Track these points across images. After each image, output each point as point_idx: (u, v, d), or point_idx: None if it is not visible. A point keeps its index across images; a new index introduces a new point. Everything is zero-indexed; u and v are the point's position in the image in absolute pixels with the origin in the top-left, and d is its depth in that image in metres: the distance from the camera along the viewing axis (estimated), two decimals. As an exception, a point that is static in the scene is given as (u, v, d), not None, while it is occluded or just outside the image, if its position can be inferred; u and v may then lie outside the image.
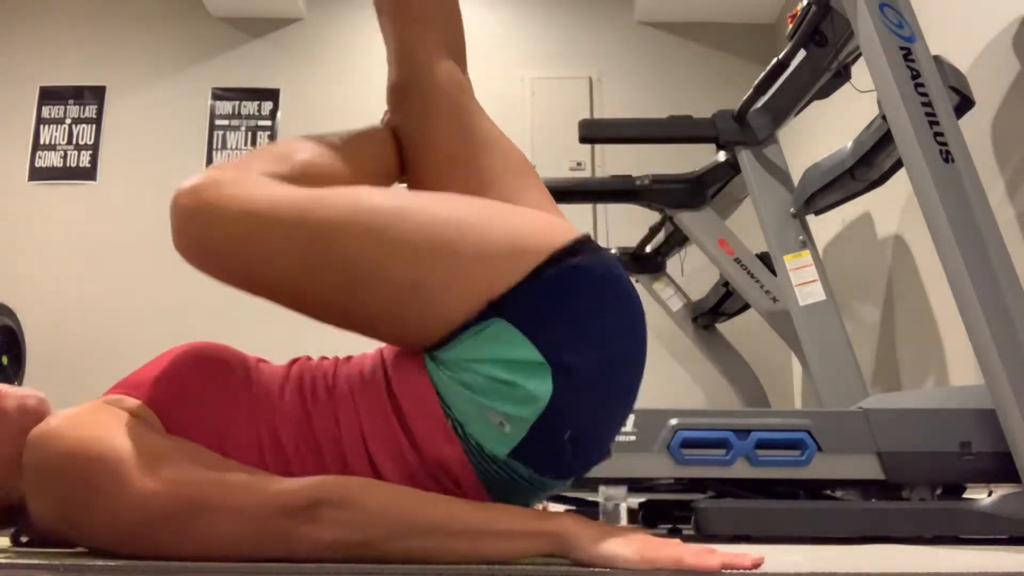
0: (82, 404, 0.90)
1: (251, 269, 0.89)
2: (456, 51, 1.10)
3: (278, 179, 0.92)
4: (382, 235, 0.87)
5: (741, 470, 1.57)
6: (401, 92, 1.06)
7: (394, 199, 0.91)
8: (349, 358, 0.99)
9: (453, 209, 0.91)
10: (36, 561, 0.83)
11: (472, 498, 0.90)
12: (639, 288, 3.70)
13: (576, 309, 0.88)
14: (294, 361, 1.00)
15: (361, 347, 0.98)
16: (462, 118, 1.04)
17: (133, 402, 0.91)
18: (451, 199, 0.94)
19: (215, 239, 0.88)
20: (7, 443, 0.92)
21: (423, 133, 1.05)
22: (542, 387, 0.86)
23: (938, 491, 1.64)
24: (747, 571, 0.78)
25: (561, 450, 0.88)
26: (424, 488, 0.87)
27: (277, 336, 4.22)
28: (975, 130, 2.33)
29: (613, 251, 3.62)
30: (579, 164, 4.48)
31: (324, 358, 1.00)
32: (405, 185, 1.10)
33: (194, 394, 0.93)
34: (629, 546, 0.79)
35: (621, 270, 0.95)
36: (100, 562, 0.80)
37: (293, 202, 0.88)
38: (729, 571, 0.77)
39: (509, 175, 1.03)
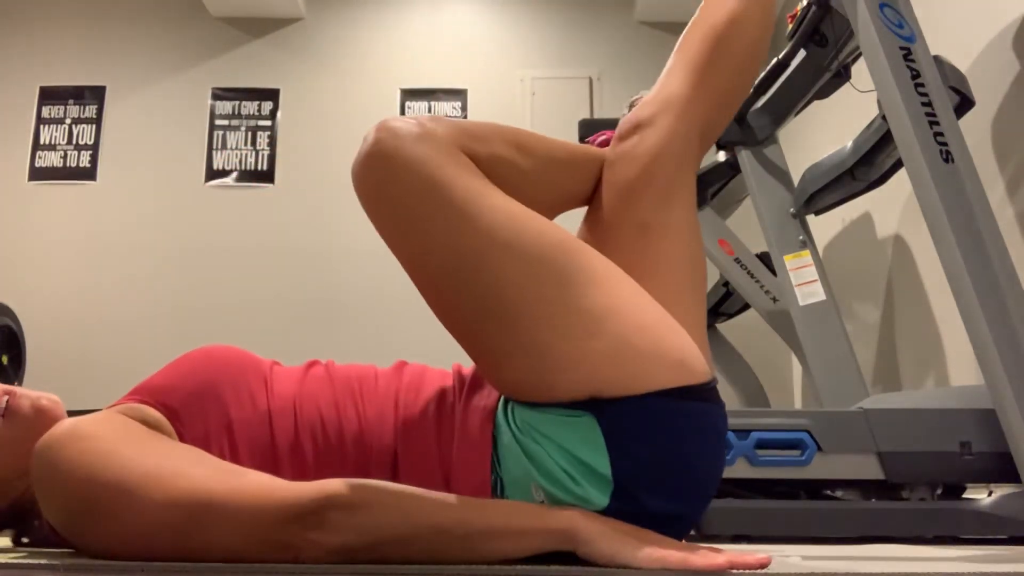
0: (95, 413, 0.90)
1: (408, 234, 0.86)
2: (708, 135, 1.05)
3: (472, 156, 0.89)
4: (541, 284, 0.84)
5: (741, 470, 1.57)
6: (639, 129, 1.00)
7: (572, 255, 0.87)
8: (400, 368, 0.97)
9: (617, 296, 0.87)
10: (36, 561, 0.83)
11: None
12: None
13: (668, 449, 0.85)
14: (311, 364, 0.99)
15: (369, 356, 0.97)
16: (675, 195, 0.98)
17: (145, 409, 0.91)
18: (621, 284, 0.89)
19: (395, 190, 0.85)
20: (22, 443, 0.92)
21: (632, 184, 0.98)
22: (599, 499, 0.84)
23: (938, 491, 1.64)
24: (754, 571, 0.78)
25: None
26: None
27: (278, 336, 4.23)
28: (975, 130, 2.32)
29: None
30: (579, 164, 4.48)
31: (356, 365, 0.99)
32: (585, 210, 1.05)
33: (208, 399, 0.93)
34: (637, 545, 0.79)
35: (726, 425, 0.91)
36: (100, 562, 0.80)
37: (483, 202, 0.85)
38: (736, 571, 0.77)
39: (685, 275, 0.98)
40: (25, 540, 0.99)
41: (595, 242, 0.96)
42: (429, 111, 4.60)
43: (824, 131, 3.56)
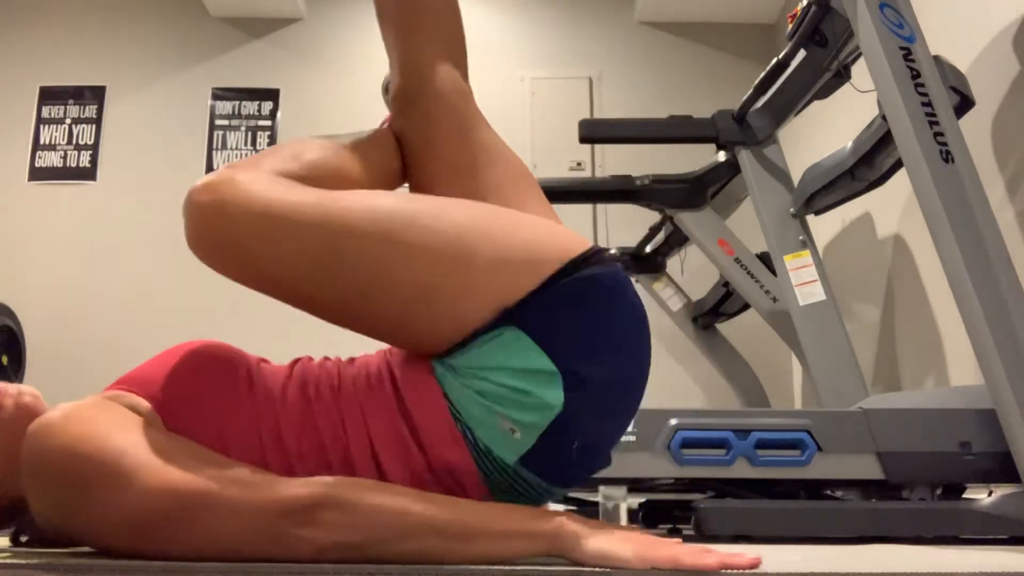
0: (83, 399, 0.90)
1: (265, 268, 0.89)
2: (458, 60, 1.11)
3: (290, 178, 0.93)
4: (398, 239, 0.87)
5: (741, 470, 1.57)
6: (404, 99, 1.07)
7: (411, 203, 0.92)
8: (352, 360, 0.99)
9: (469, 216, 0.92)
10: (36, 561, 0.83)
11: (475, 500, 0.89)
12: (639, 288, 3.70)
13: (588, 320, 0.89)
14: (296, 361, 1.00)
15: (363, 347, 0.98)
16: (464, 127, 1.05)
17: (134, 398, 0.91)
18: (467, 206, 0.94)
19: (230, 236, 0.87)
20: (4, 440, 0.92)
21: (426, 141, 1.05)
22: (554, 396, 0.86)
23: (938, 491, 1.64)
24: (744, 571, 0.78)
25: (568, 458, 0.89)
26: (428, 489, 0.87)
27: (277, 336, 4.23)
28: (975, 130, 2.33)
29: (613, 251, 3.62)
30: (579, 164, 4.48)
31: (326, 359, 1.00)
32: (407, 188, 1.10)
33: (196, 392, 0.93)
34: (627, 546, 0.79)
35: (628, 280, 0.96)
36: (100, 562, 0.80)
37: (309, 202, 0.88)
38: (726, 571, 0.77)
39: (511, 185, 1.04)
40: (24, 539, 0.99)
41: None
42: (429, 111, 4.60)
43: (824, 131, 3.56)
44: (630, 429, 1.58)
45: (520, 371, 0.86)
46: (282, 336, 4.27)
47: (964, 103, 2.04)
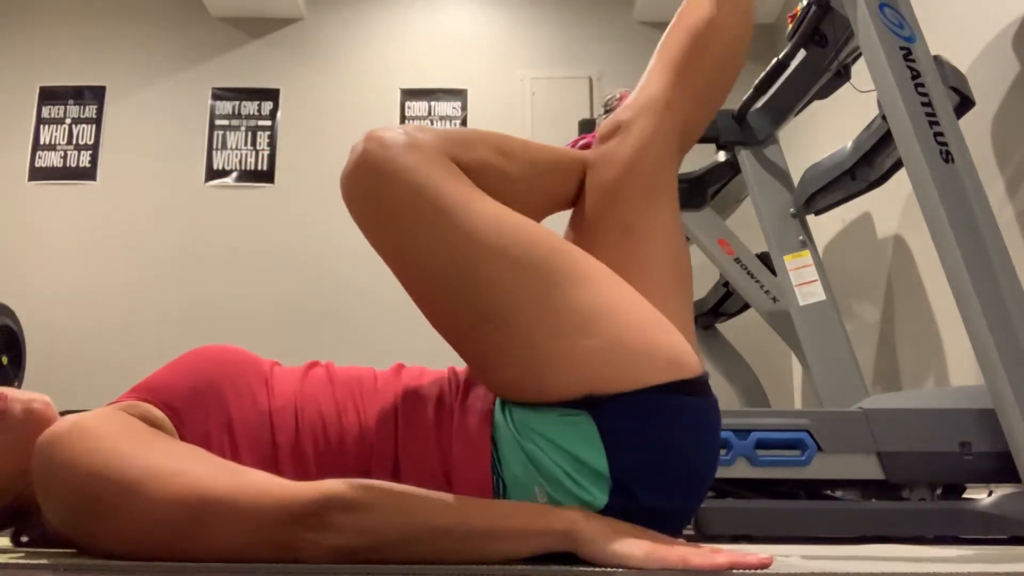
0: (96, 409, 0.90)
1: (401, 245, 0.88)
2: (688, 136, 1.06)
3: (459, 164, 0.91)
4: (531, 286, 0.86)
5: (741, 470, 1.57)
6: (620, 131, 1.01)
7: (560, 255, 0.89)
8: (399, 371, 0.98)
9: (606, 294, 0.88)
10: (36, 561, 0.83)
11: None
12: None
13: (663, 444, 0.86)
14: (312, 365, 0.99)
15: (365, 352, 0.97)
16: (657, 195, 1.00)
17: (146, 407, 0.91)
18: (610, 283, 0.90)
19: (384, 199, 0.86)
20: (13, 446, 0.92)
21: (614, 185, 0.99)
22: (598, 497, 0.85)
23: (938, 491, 1.64)
24: (754, 571, 0.78)
25: None
26: None
27: (278, 337, 4.23)
28: (975, 130, 2.32)
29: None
30: (579, 164, 4.48)
31: (355, 368, 0.99)
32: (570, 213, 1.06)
33: (209, 398, 0.93)
34: (638, 545, 0.79)
35: (719, 418, 0.92)
36: (100, 562, 0.80)
37: (471, 207, 0.87)
38: (736, 571, 0.77)
39: (669, 274, 0.99)
40: (24, 539, 0.99)
41: (581, 244, 0.98)
42: (429, 111, 4.60)
43: (824, 131, 3.56)
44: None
45: (575, 458, 0.85)
46: (283, 336, 4.27)
47: (964, 103, 2.04)
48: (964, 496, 1.69)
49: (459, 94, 4.65)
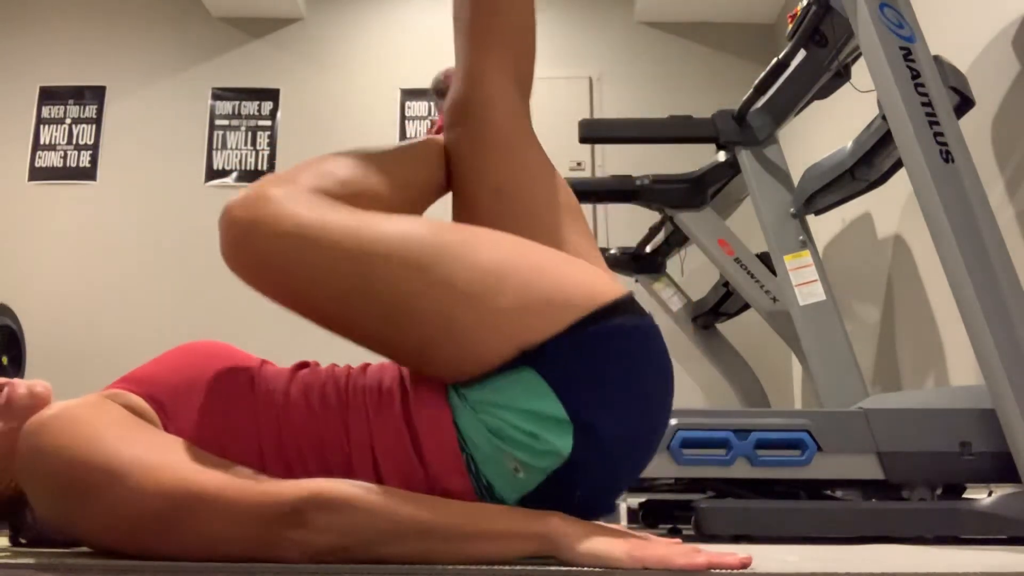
0: (82, 397, 0.90)
1: (297, 288, 0.89)
2: (524, 80, 1.09)
3: (325, 194, 0.92)
4: (426, 270, 0.87)
5: (741, 470, 1.57)
6: (459, 111, 1.05)
7: (443, 234, 0.90)
8: (365, 368, 0.99)
9: (500, 252, 0.90)
10: (36, 561, 0.83)
11: None
12: (639, 288, 3.70)
13: (607, 372, 0.87)
14: (300, 365, 1.00)
15: (368, 354, 0.97)
16: (515, 150, 1.04)
17: (132, 397, 0.91)
18: (500, 241, 0.93)
19: (263, 256, 0.88)
20: (17, 431, 0.92)
21: (474, 158, 1.04)
22: (563, 444, 0.85)
23: (938, 491, 1.64)
24: (734, 570, 0.78)
25: (569, 504, 0.87)
26: None
27: (277, 337, 4.23)
28: (975, 130, 2.33)
29: (613, 251, 3.61)
30: (579, 164, 4.48)
31: (335, 365, 1.00)
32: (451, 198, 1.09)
33: (195, 392, 0.93)
34: (618, 546, 0.79)
35: (657, 332, 0.93)
36: (100, 562, 0.80)
37: (341, 225, 0.88)
38: (716, 571, 0.77)
39: (555, 214, 1.02)
40: (23, 540, 0.99)
41: (465, 220, 1.02)
42: (429, 111, 4.60)
43: (824, 131, 3.56)
44: (630, 429, 1.58)
45: (531, 413, 0.85)
46: (283, 336, 4.27)
47: (964, 103, 2.04)
48: (964, 496, 1.69)
49: (459, 94, 4.64)
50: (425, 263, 0.87)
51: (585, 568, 0.78)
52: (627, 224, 4.13)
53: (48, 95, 4.66)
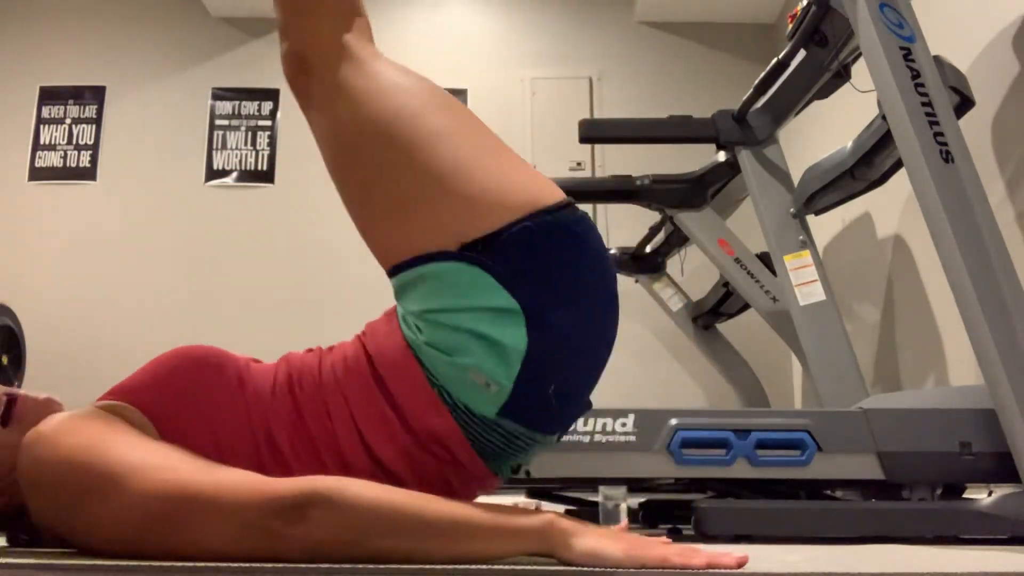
0: (76, 409, 0.91)
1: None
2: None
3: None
4: (398, 148, 0.93)
5: (741, 470, 1.57)
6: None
7: (424, 119, 0.94)
8: (332, 348, 1.00)
9: (461, 149, 0.94)
10: (36, 561, 0.83)
11: (468, 468, 0.92)
12: (638, 288, 3.70)
13: (552, 263, 0.91)
14: (283, 358, 1.00)
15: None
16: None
17: (126, 407, 0.92)
18: (469, 135, 0.96)
19: (342, 90, 0.99)
20: (18, 445, 0.92)
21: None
22: (517, 337, 0.87)
23: (938, 491, 1.64)
24: (731, 570, 0.78)
25: (548, 403, 0.90)
26: (421, 463, 0.89)
27: (277, 337, 4.23)
28: (975, 130, 2.32)
29: (613, 251, 3.61)
30: (579, 164, 4.48)
31: (308, 350, 1.01)
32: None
33: (188, 398, 0.93)
34: (615, 545, 0.79)
35: (594, 228, 0.98)
36: (100, 562, 0.80)
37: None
38: (714, 570, 0.78)
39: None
40: (25, 538, 0.99)
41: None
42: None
43: (824, 131, 3.56)
44: (630, 428, 1.58)
45: (481, 310, 0.88)
46: (283, 336, 4.27)
47: (964, 103, 2.04)
48: (964, 496, 1.69)
49: (459, 94, 4.64)
50: (402, 142, 0.93)
51: (582, 568, 0.78)
52: (627, 224, 4.12)
53: (48, 95, 4.66)
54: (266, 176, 4.58)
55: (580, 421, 1.57)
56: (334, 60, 0.99)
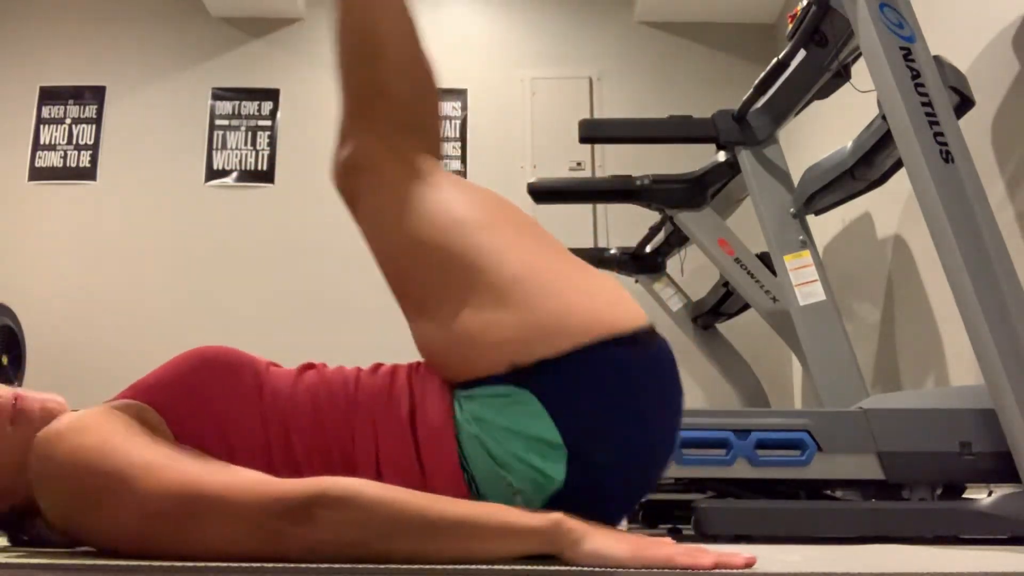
0: (91, 408, 0.91)
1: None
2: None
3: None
4: (448, 271, 0.91)
5: (741, 470, 1.57)
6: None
7: (481, 233, 0.92)
8: (376, 368, 0.99)
9: (522, 264, 0.90)
10: (36, 561, 0.84)
11: None
12: (639, 288, 3.70)
13: (604, 400, 0.87)
14: (307, 366, 1.00)
15: (362, 354, 0.98)
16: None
17: (140, 406, 0.92)
18: (529, 251, 0.92)
19: (379, 189, 0.98)
20: (29, 445, 0.92)
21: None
22: (556, 470, 0.86)
23: (938, 491, 1.64)
24: (739, 570, 0.78)
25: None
26: None
27: (278, 337, 4.23)
28: (975, 130, 2.32)
29: (613, 251, 3.61)
30: (579, 164, 4.48)
31: (342, 367, 1.00)
32: None
33: (202, 399, 0.93)
34: (621, 545, 0.79)
35: (667, 365, 0.92)
36: (100, 562, 0.80)
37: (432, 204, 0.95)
38: (721, 571, 0.77)
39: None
40: (25, 538, 0.99)
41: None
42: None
43: (824, 131, 3.56)
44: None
45: (527, 437, 0.86)
46: (284, 336, 4.27)
47: (964, 103, 2.04)
48: (964, 496, 1.69)
49: (459, 94, 4.64)
50: (447, 263, 0.90)
51: (588, 568, 0.78)
52: (627, 224, 4.12)
53: (48, 95, 4.65)
54: (266, 176, 4.57)
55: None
56: (400, 169, 0.98)
